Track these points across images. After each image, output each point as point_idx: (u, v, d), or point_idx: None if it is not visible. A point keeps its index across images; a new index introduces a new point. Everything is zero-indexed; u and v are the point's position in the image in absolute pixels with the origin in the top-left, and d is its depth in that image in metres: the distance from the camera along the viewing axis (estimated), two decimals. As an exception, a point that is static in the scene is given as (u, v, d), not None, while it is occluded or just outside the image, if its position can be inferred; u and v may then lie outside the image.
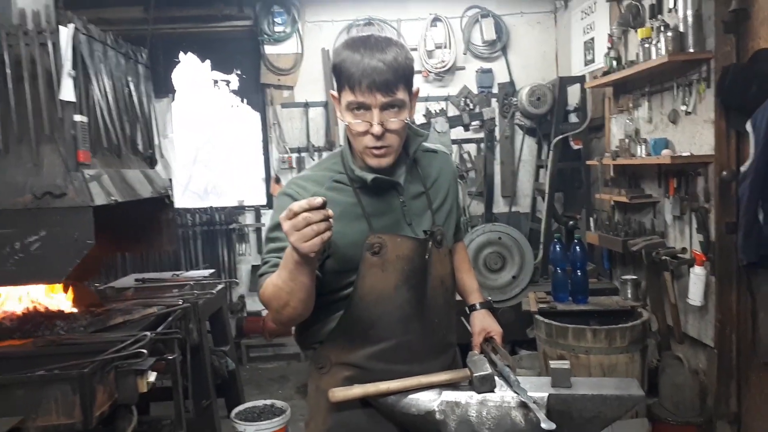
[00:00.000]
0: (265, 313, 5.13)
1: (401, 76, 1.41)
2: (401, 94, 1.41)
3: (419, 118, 4.85)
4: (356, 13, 5.22)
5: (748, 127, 2.65)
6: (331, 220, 1.19)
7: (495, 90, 5.30)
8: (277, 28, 5.22)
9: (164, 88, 5.23)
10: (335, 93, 1.49)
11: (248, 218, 5.48)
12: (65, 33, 2.19)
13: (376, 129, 1.40)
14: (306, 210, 1.17)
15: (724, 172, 2.95)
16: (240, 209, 5.47)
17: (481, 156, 5.05)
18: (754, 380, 2.97)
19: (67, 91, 2.20)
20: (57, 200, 2.21)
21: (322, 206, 1.18)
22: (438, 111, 5.05)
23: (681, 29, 3.13)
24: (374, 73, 1.36)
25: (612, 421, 1.42)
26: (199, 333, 3.02)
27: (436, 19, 5.23)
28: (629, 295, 3.35)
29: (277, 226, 1.46)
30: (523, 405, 1.38)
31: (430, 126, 4.48)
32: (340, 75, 1.42)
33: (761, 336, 2.77)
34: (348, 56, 1.40)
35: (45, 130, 2.24)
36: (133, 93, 2.87)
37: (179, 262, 5.23)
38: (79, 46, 2.32)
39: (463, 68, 5.31)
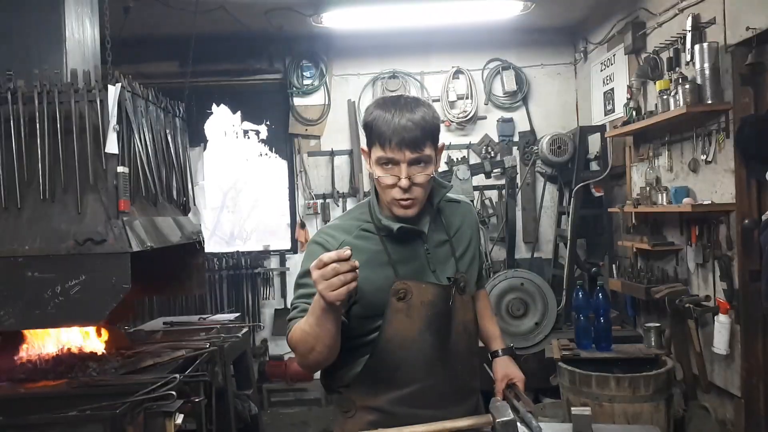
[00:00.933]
0: (288, 357, 5.17)
1: (428, 133, 1.50)
2: (428, 150, 1.51)
3: (442, 166, 4.95)
4: (381, 67, 5.41)
5: (768, 176, 2.69)
6: (357, 270, 1.28)
7: (516, 138, 5.40)
8: (306, 81, 5.43)
9: (197, 137, 5.43)
10: (365, 148, 1.59)
11: (273, 263, 5.57)
12: (112, 91, 2.36)
13: (404, 183, 1.49)
14: (335, 261, 1.26)
15: (746, 221, 2.97)
16: (265, 254, 5.57)
17: (503, 202, 5.11)
18: (784, 432, 2.92)
19: (112, 145, 2.35)
20: (97, 246, 2.32)
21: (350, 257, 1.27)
22: (460, 159, 5.15)
23: (699, 81, 3.21)
24: (404, 132, 1.46)
25: (633, 469, 1.44)
26: (224, 376, 3.07)
27: (458, 72, 5.40)
28: (653, 343, 3.32)
29: (306, 273, 1.54)
30: (544, 450, 1.41)
31: (452, 173, 4.57)
32: (371, 132, 1.52)
33: (789, 386, 2.75)
34: (379, 115, 1.50)
35: (90, 180, 2.38)
36: (171, 144, 3.03)
37: (205, 306, 5.32)
38: (123, 103, 2.48)
39: (484, 117, 5.44)
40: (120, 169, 2.40)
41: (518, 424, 1.49)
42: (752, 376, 3.00)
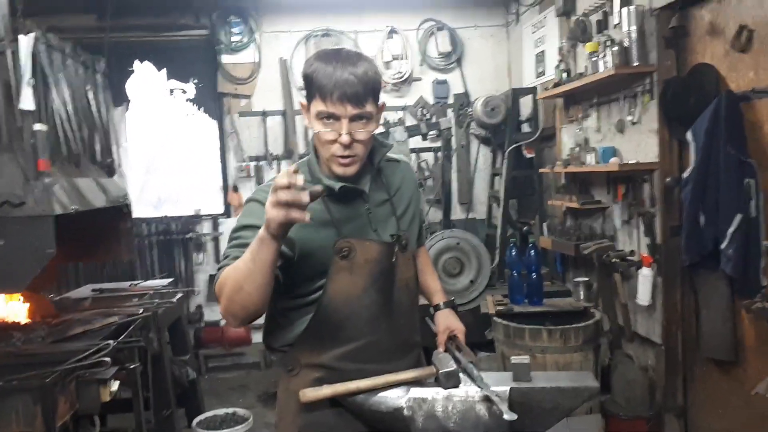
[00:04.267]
0: (224, 322, 5.09)
1: (370, 89, 1.47)
2: (369, 107, 1.48)
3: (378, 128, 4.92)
4: (314, 24, 5.27)
5: (689, 136, 2.83)
6: (307, 217, 1.21)
7: (451, 101, 5.43)
8: (234, 38, 5.22)
9: (119, 97, 5.16)
10: (304, 102, 1.54)
11: (205, 227, 5.43)
12: (25, 42, 2.17)
13: (345, 139, 1.46)
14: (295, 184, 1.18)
15: (668, 179, 3.12)
16: (197, 218, 5.42)
17: (439, 165, 5.15)
18: (698, 375, 3.14)
19: (27, 101, 2.18)
20: (16, 209, 2.18)
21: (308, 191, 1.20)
22: (396, 121, 5.14)
23: (626, 44, 3.30)
24: (346, 86, 1.42)
25: (570, 412, 1.51)
26: (160, 342, 3.00)
27: (392, 32, 5.34)
28: (582, 297, 3.48)
29: (241, 228, 1.49)
30: (486, 399, 1.45)
31: (389, 135, 4.55)
32: (311, 85, 1.47)
33: (704, 332, 2.94)
34: (320, 67, 1.45)
35: (3, 139, 2.21)
36: (92, 102, 2.85)
37: (135, 273, 5.14)
38: (38, 56, 2.30)
39: (419, 79, 5.43)
40: (37, 126, 2.24)
41: (460, 374, 1.53)
42: (671, 324, 3.20)
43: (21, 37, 2.22)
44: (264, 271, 1.29)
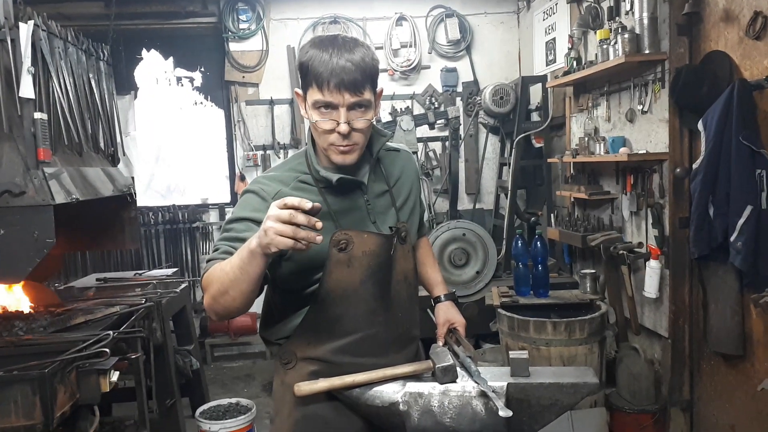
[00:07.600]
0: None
1: (368, 76, 1.43)
2: (368, 94, 1.44)
3: (385, 116, 4.89)
4: (322, 11, 5.22)
5: (700, 126, 2.76)
6: (319, 238, 1.19)
7: (459, 89, 5.37)
8: (242, 25, 5.19)
9: (126, 85, 5.16)
10: (300, 91, 1.50)
11: (212, 216, 5.43)
12: (25, 29, 2.15)
13: (343, 128, 1.42)
14: (297, 208, 1.16)
15: (678, 169, 3.06)
16: (204, 207, 5.42)
17: (446, 154, 5.10)
18: (705, 368, 3.10)
19: (27, 88, 2.16)
20: (16, 199, 2.17)
21: (314, 213, 1.17)
22: (404, 109, 5.09)
23: (637, 31, 3.23)
24: (343, 73, 1.38)
25: (569, 408, 1.48)
26: (163, 332, 3.00)
27: (401, 18, 5.28)
28: (588, 289, 3.44)
29: (235, 220, 1.47)
30: (483, 394, 1.42)
31: (396, 124, 4.50)
32: (307, 73, 1.43)
33: (712, 326, 2.89)
34: (316, 55, 1.41)
35: (3, 128, 2.19)
36: (95, 90, 2.83)
37: (141, 262, 5.17)
38: (38, 43, 2.28)
39: (428, 67, 5.37)
40: (37, 115, 2.22)
41: (458, 368, 1.50)
42: (679, 317, 3.15)
43: (21, 25, 2.20)
44: (250, 280, 1.29)
